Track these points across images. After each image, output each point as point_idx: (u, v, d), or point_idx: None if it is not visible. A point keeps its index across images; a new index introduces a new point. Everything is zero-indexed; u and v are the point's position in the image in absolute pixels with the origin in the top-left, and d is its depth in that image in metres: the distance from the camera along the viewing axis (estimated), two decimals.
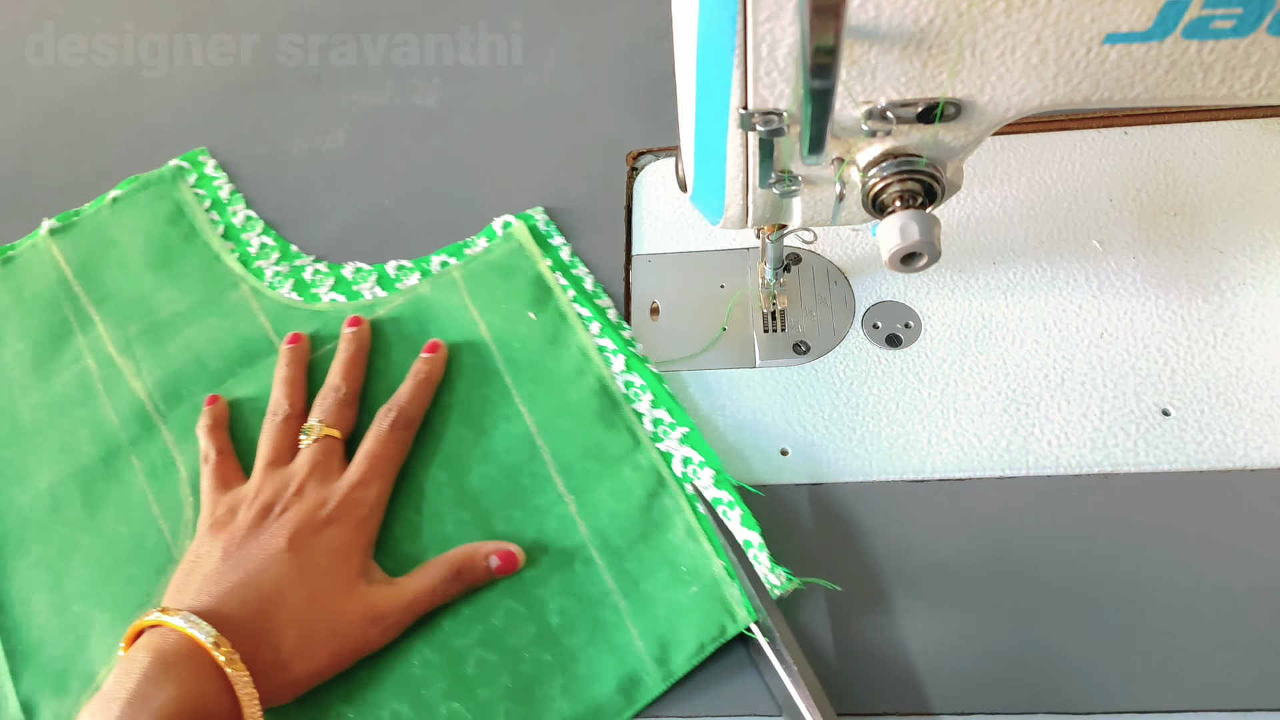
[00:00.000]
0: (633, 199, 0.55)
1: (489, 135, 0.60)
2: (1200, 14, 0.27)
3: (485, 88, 0.63)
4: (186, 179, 0.59)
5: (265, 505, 0.40)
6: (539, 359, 0.47)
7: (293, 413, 0.45)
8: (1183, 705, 0.36)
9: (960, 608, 0.39)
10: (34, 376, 0.51)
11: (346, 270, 0.53)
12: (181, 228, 0.56)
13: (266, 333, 0.50)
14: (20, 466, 0.48)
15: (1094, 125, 0.53)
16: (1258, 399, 0.42)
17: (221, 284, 0.53)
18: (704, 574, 0.39)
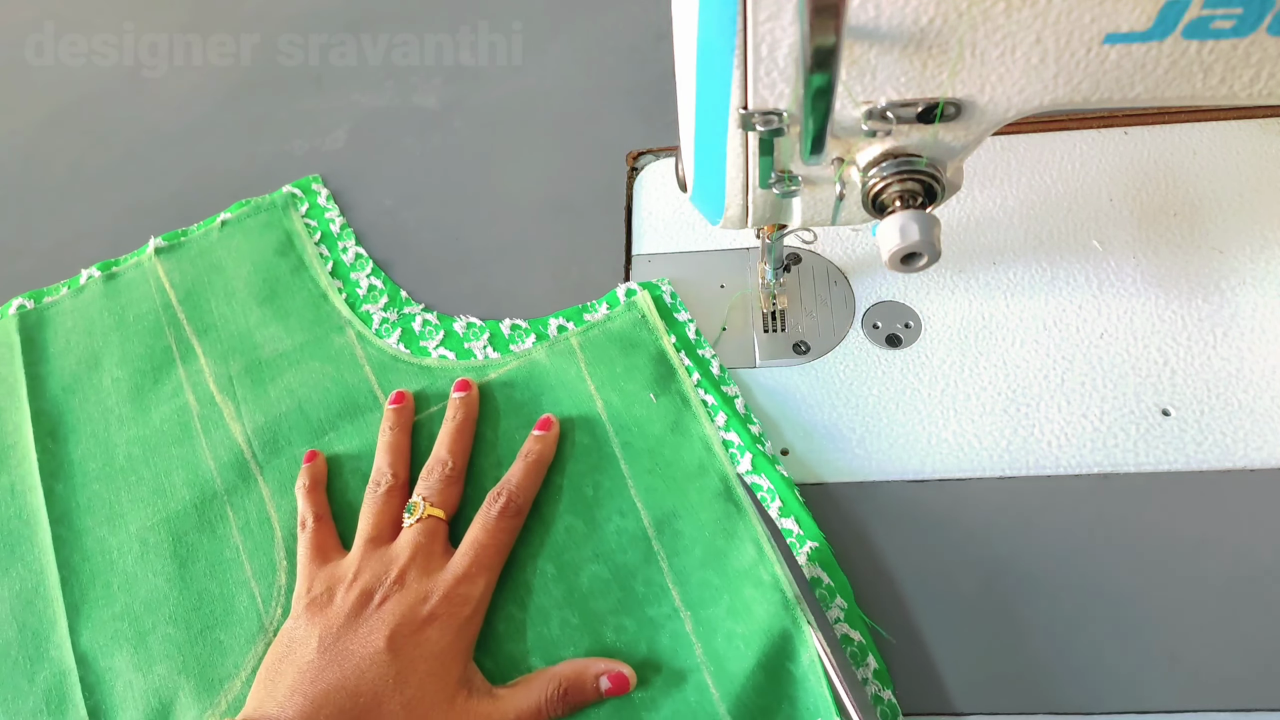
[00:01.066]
0: (633, 199, 0.55)
1: (489, 135, 0.60)
2: (1200, 14, 0.27)
3: (485, 88, 0.63)
4: (298, 207, 0.57)
5: (365, 591, 0.38)
6: (658, 447, 0.43)
7: (396, 484, 0.42)
8: (1183, 705, 0.36)
9: (960, 608, 0.39)
10: (132, 407, 0.49)
11: (458, 325, 0.50)
12: (290, 260, 0.54)
13: (371, 385, 0.48)
14: (112, 504, 0.46)
15: (1094, 125, 0.53)
16: (1258, 399, 0.42)
17: (327, 325, 0.51)
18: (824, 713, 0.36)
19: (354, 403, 0.47)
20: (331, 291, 0.52)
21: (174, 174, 0.62)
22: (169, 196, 0.61)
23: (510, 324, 0.49)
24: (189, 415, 0.48)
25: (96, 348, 0.52)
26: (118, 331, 0.52)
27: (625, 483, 0.43)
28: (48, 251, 0.59)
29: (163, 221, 0.59)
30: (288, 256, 0.54)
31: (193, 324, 0.52)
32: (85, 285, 0.55)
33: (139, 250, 0.56)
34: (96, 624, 0.43)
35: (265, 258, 0.54)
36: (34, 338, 0.53)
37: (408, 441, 0.45)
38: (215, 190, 0.61)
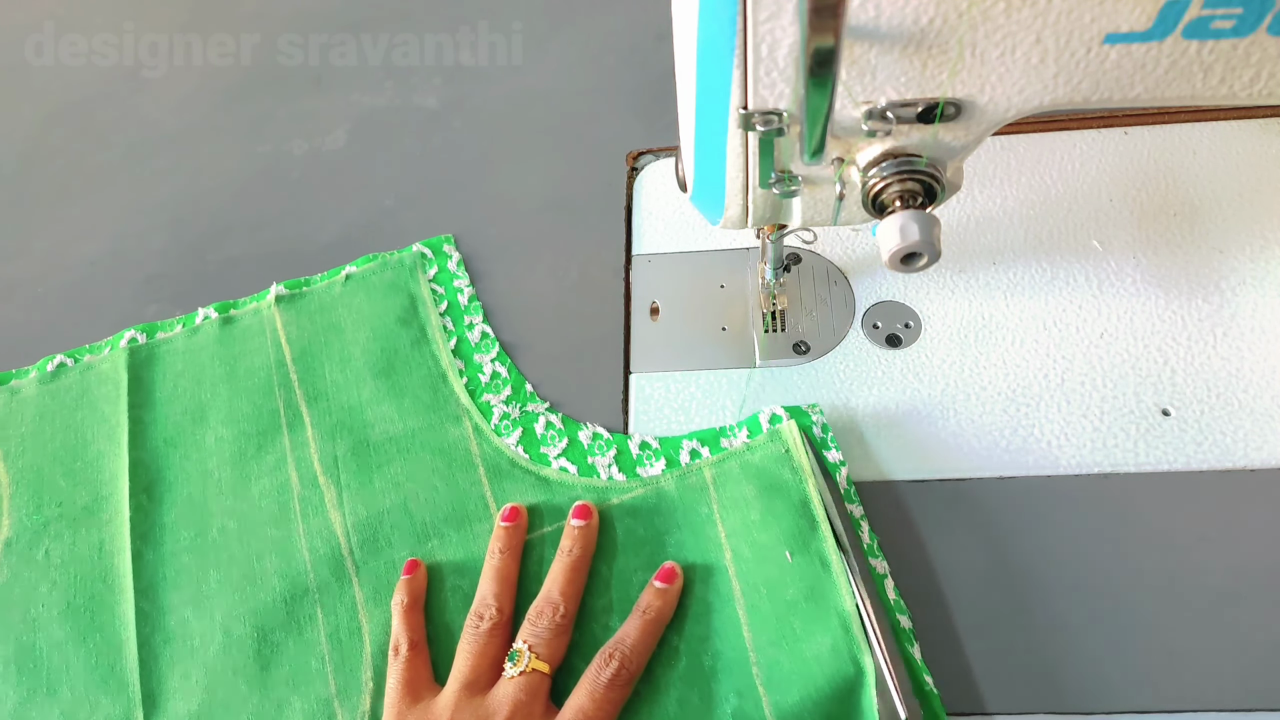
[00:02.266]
0: (633, 199, 0.55)
1: (489, 135, 0.60)
2: (1200, 14, 0.27)
3: (485, 88, 0.63)
4: (427, 270, 0.53)
5: None
6: (787, 618, 0.37)
7: (500, 620, 0.38)
8: (1183, 705, 0.36)
9: (960, 608, 0.39)
10: (233, 473, 0.47)
11: (583, 434, 0.45)
12: (412, 330, 0.50)
13: (483, 490, 0.44)
14: (200, 583, 0.44)
15: (1094, 125, 0.53)
16: (1258, 399, 0.42)
17: (444, 413, 0.47)
18: None
19: (463, 509, 0.44)
20: (452, 373, 0.49)
21: (174, 174, 0.62)
22: (168, 196, 0.61)
23: (639, 441, 0.45)
24: (289, 494, 0.46)
25: (204, 399, 0.50)
26: (227, 384, 0.50)
27: (748, 657, 0.37)
28: (47, 251, 0.59)
29: (163, 221, 0.59)
30: (410, 326, 0.51)
31: (304, 387, 0.49)
32: (201, 326, 0.52)
33: (259, 295, 0.53)
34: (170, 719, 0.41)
35: (387, 324, 0.51)
36: (141, 377, 0.51)
37: (517, 568, 0.41)
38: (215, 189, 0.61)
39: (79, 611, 0.44)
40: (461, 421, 0.47)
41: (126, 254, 0.58)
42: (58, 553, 0.46)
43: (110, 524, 0.46)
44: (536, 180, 0.57)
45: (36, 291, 0.58)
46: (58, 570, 0.46)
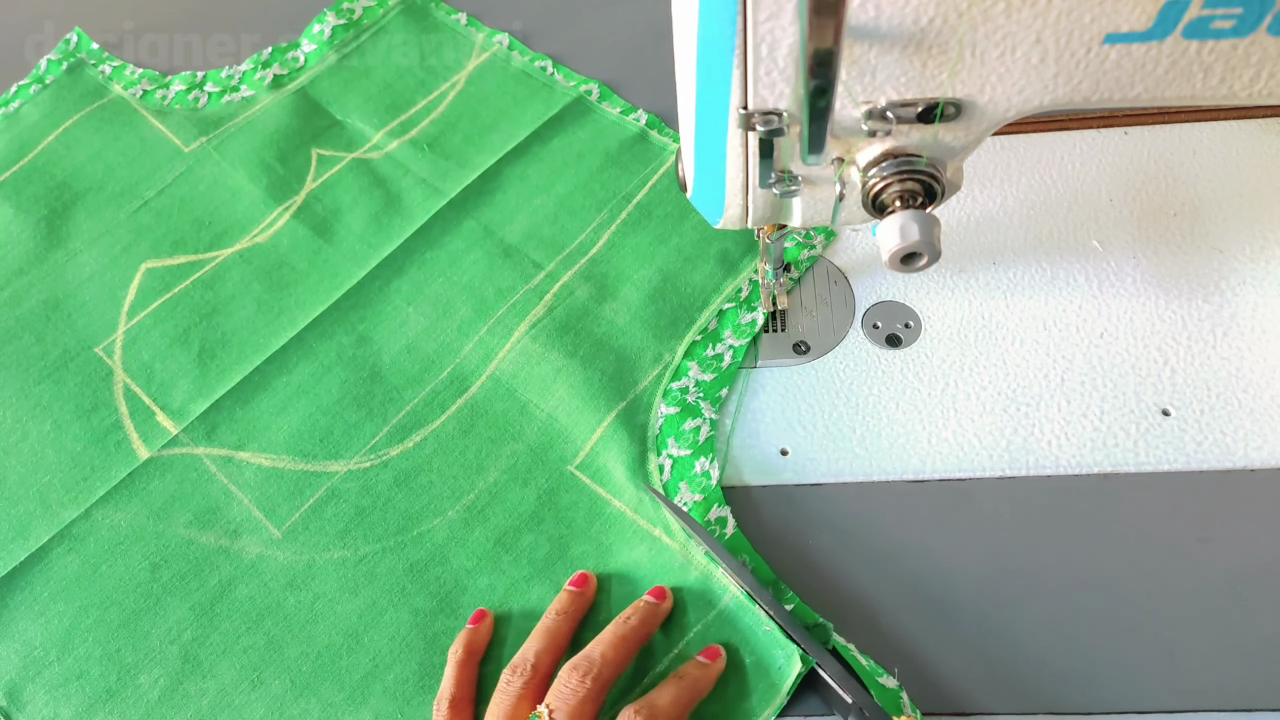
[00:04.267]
0: None
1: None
2: (1200, 14, 0.27)
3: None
4: None
5: None
6: None
7: (535, 678, 0.36)
8: (1183, 705, 0.36)
9: (960, 608, 0.39)
10: (485, 269, 0.53)
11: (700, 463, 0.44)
12: (717, 276, 0.51)
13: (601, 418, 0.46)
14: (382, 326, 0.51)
15: (1094, 125, 0.53)
16: (1258, 399, 0.42)
17: (658, 342, 0.49)
18: None
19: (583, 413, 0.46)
20: (701, 321, 0.49)
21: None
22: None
23: None
24: (519, 287, 0.51)
25: (568, 170, 0.56)
26: (592, 171, 0.55)
27: None
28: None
29: None
30: (724, 272, 0.51)
31: (621, 229, 0.53)
32: (630, 122, 0.58)
33: (679, 136, 0.52)
34: None
35: (714, 247, 0.51)
36: (564, 119, 0.58)
37: (570, 634, 0.39)
38: None
39: (375, 224, 0.54)
40: (659, 361, 0.48)
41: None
42: (409, 179, 0.56)
43: (441, 193, 0.55)
44: None
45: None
46: (397, 189, 0.56)
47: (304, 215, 0.55)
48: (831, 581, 0.40)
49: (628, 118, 0.58)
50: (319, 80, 0.62)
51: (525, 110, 0.59)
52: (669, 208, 0.53)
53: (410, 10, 0.66)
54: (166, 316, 0.52)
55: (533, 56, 0.62)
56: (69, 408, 0.49)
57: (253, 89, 0.62)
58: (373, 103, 0.61)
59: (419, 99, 0.61)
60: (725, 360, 0.47)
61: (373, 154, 0.58)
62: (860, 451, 0.43)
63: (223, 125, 0.60)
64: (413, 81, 0.62)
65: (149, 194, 0.57)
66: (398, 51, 0.64)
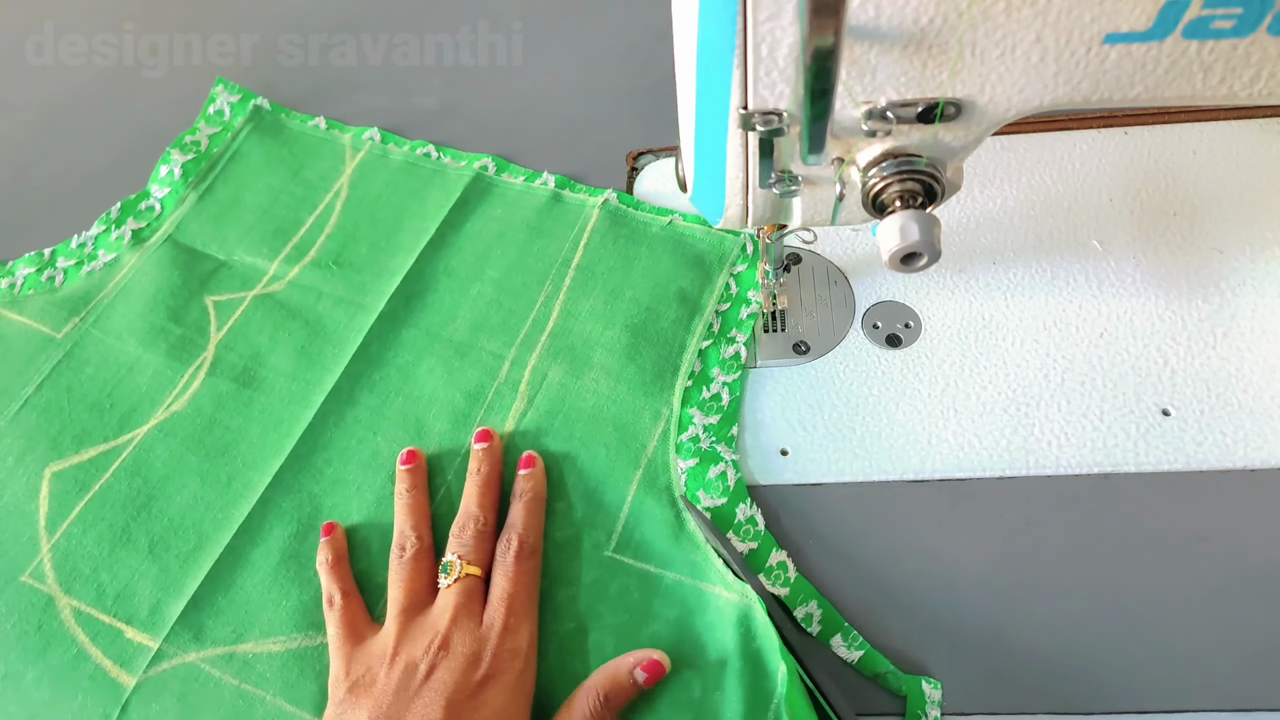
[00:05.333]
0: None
1: (489, 135, 0.60)
2: (1200, 14, 0.27)
3: (485, 88, 0.63)
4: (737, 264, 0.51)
5: (409, 664, 0.36)
6: None
7: (422, 547, 0.40)
8: (1183, 705, 0.36)
9: (960, 608, 0.39)
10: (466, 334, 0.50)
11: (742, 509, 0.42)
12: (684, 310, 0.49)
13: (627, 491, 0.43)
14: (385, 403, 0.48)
15: (1094, 125, 0.53)
16: (1258, 399, 0.42)
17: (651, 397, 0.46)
18: None
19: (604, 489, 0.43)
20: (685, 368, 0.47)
21: None
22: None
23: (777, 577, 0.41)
24: (489, 384, 0.47)
25: (494, 252, 0.53)
26: (519, 250, 0.53)
27: None
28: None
29: None
30: (684, 305, 0.49)
31: (568, 297, 0.50)
32: (536, 188, 0.56)
33: (596, 191, 0.55)
34: None
35: (668, 290, 0.49)
36: (469, 201, 0.55)
37: (427, 502, 0.43)
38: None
39: (305, 357, 0.49)
40: (659, 418, 0.45)
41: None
42: (325, 303, 0.52)
43: (367, 308, 0.51)
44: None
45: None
46: (315, 316, 0.51)
47: (220, 370, 0.49)
48: (831, 582, 0.40)
49: (534, 184, 0.56)
50: (185, 224, 0.57)
51: (424, 202, 0.56)
52: (610, 262, 0.51)
53: (261, 128, 0.62)
54: (95, 519, 0.45)
55: (412, 145, 0.59)
56: (15, 654, 0.41)
57: (112, 251, 0.56)
58: (255, 233, 0.56)
59: (305, 216, 0.56)
60: (724, 399, 0.45)
61: (274, 286, 0.53)
62: (860, 451, 0.43)
63: (93, 299, 0.53)
64: (291, 200, 0.57)
65: (27, 392, 0.50)
66: (264, 172, 0.59)
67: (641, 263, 0.51)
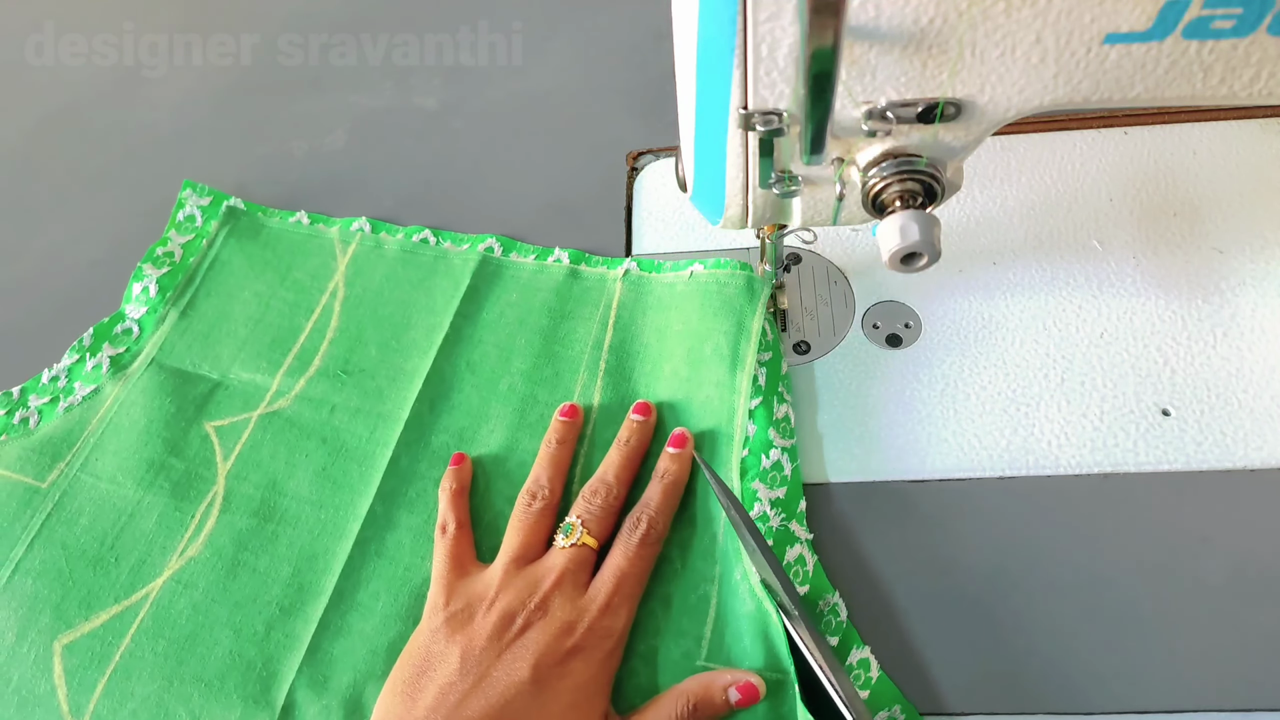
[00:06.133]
0: (633, 199, 0.55)
1: (489, 135, 0.60)
2: (1200, 14, 0.27)
3: (485, 88, 0.63)
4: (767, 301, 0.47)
5: (506, 612, 0.36)
6: None
7: (551, 501, 0.41)
8: (1183, 705, 0.36)
9: (960, 608, 0.39)
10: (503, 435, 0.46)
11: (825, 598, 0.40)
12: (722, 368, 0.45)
13: None
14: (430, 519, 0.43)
15: (1094, 125, 0.53)
16: (1258, 399, 0.42)
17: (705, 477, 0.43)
18: None
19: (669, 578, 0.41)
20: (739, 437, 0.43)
21: (174, 174, 0.62)
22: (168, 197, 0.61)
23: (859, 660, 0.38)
24: None
25: (518, 342, 0.49)
26: (544, 339, 0.48)
27: None
28: (46, 251, 0.59)
29: (163, 222, 0.59)
30: (722, 361, 0.45)
31: (605, 383, 0.46)
32: (550, 266, 0.52)
33: (613, 261, 0.51)
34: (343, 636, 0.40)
35: (703, 350, 0.45)
36: (479, 288, 0.51)
37: (570, 460, 0.43)
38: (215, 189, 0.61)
39: (329, 480, 0.45)
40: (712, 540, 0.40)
41: (127, 255, 0.58)
42: (340, 416, 0.47)
43: (390, 417, 0.46)
44: (536, 180, 0.57)
45: (36, 291, 0.58)
46: (332, 432, 0.46)
47: (234, 505, 0.44)
48: (830, 582, 0.40)
49: (547, 262, 0.52)
50: (170, 344, 0.51)
51: (431, 293, 0.51)
52: (644, 338, 0.47)
53: (239, 231, 0.56)
54: (124, 695, 0.39)
55: (406, 232, 0.54)
56: None
57: (90, 383, 0.50)
58: (250, 346, 0.50)
59: (302, 322, 0.51)
60: (786, 468, 0.42)
61: (280, 403, 0.48)
62: (860, 451, 0.43)
63: (77, 439, 0.47)
64: (284, 306, 0.52)
65: (17, 554, 0.43)
66: (249, 279, 0.54)
67: (673, 329, 0.47)
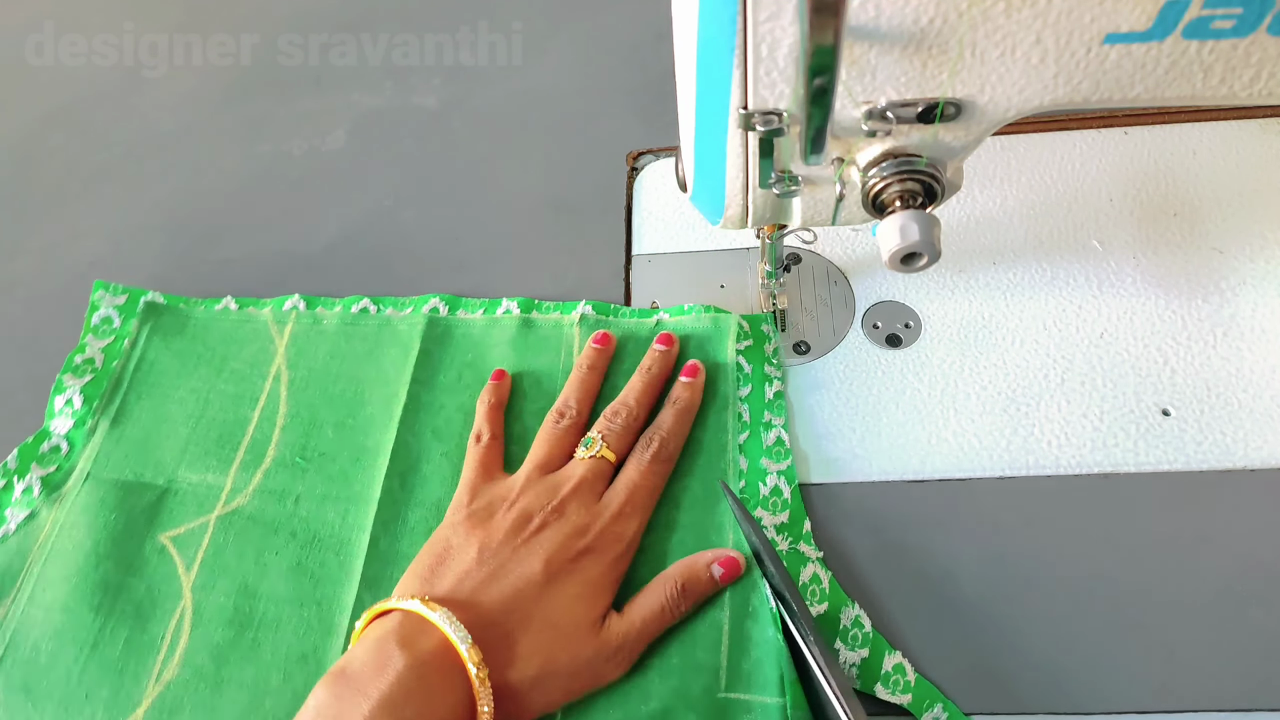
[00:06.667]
0: (633, 199, 0.55)
1: (489, 135, 0.60)
2: (1200, 14, 0.27)
3: (485, 88, 0.63)
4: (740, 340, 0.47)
5: (524, 512, 0.38)
6: None
7: (578, 421, 0.43)
8: (1183, 705, 0.36)
9: (960, 608, 0.39)
10: None
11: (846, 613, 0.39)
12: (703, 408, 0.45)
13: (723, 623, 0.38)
14: None
15: (1094, 125, 0.53)
16: (1258, 399, 0.42)
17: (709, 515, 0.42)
18: None
19: None
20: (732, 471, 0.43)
21: (173, 174, 0.62)
22: (167, 197, 0.61)
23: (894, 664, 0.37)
24: None
25: (477, 394, 0.46)
26: (513, 390, 0.47)
27: None
28: (46, 251, 0.59)
29: (162, 222, 0.59)
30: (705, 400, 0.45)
31: None
32: (501, 319, 0.49)
33: (566, 305, 0.49)
34: None
35: None
36: (431, 352, 0.48)
37: (599, 385, 0.45)
38: (216, 190, 0.61)
39: (306, 575, 0.42)
40: (724, 533, 0.40)
41: (126, 254, 0.58)
42: (305, 505, 0.44)
43: (360, 499, 0.44)
44: (536, 180, 0.57)
45: (36, 291, 0.58)
46: (300, 524, 0.43)
47: (205, 618, 0.41)
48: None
49: (496, 314, 0.50)
50: (105, 456, 0.47)
51: (381, 364, 0.48)
52: (615, 380, 0.46)
53: (162, 327, 0.52)
54: None
55: (344, 303, 0.51)
56: None
57: (23, 508, 0.45)
58: (195, 446, 0.47)
59: (248, 413, 0.48)
60: (784, 491, 0.42)
61: (238, 501, 0.44)
62: (860, 451, 0.43)
63: (19, 572, 0.43)
64: (224, 400, 0.48)
65: None
66: (182, 376, 0.50)
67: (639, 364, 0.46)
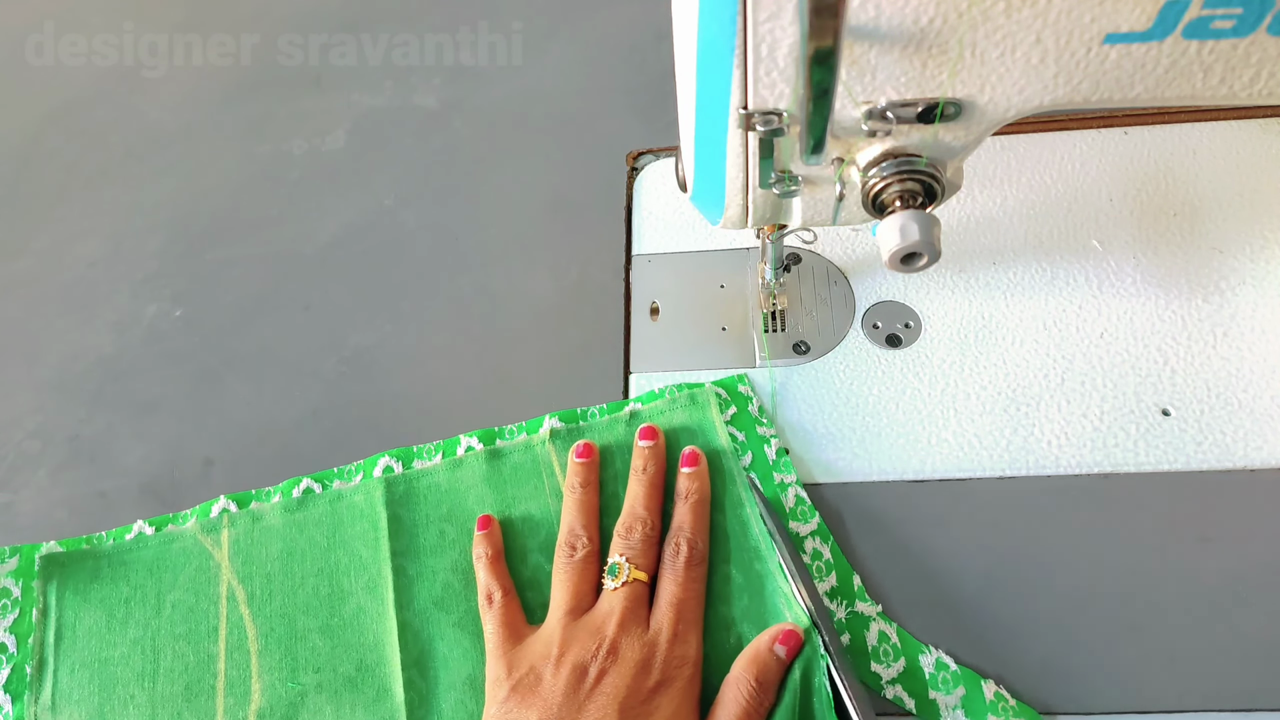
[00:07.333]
0: (633, 199, 0.55)
1: (489, 135, 0.60)
2: (1200, 14, 0.27)
3: (485, 88, 0.63)
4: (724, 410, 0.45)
5: (577, 666, 0.35)
6: None
7: (592, 548, 0.40)
8: (1183, 705, 0.36)
9: (959, 608, 0.39)
10: None
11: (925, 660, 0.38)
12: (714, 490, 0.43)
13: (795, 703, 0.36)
14: None
15: (1094, 125, 0.53)
16: (1258, 399, 0.42)
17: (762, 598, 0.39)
18: None
19: None
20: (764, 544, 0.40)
21: (173, 174, 0.62)
22: (167, 196, 0.61)
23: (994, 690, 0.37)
24: None
25: (468, 547, 0.42)
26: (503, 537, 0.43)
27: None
28: (46, 251, 0.59)
29: (162, 221, 0.59)
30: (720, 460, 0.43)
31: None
32: (464, 459, 0.45)
33: (531, 424, 0.45)
34: None
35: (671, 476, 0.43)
36: (401, 517, 0.43)
37: (597, 501, 0.42)
38: (215, 189, 0.61)
39: None
40: (779, 610, 0.38)
41: (126, 254, 0.58)
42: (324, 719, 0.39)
43: (379, 704, 0.39)
44: (536, 180, 0.57)
45: (36, 291, 0.58)
46: None
47: None
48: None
49: (457, 455, 0.45)
50: None
51: (350, 545, 0.43)
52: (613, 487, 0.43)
53: (70, 582, 0.43)
54: None
55: (282, 489, 0.45)
56: None
57: None
58: (161, 706, 0.40)
59: (211, 648, 0.41)
60: (824, 553, 0.40)
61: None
62: (860, 451, 0.43)
63: None
64: (177, 640, 0.42)
65: None
66: (114, 630, 0.42)
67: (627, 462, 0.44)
